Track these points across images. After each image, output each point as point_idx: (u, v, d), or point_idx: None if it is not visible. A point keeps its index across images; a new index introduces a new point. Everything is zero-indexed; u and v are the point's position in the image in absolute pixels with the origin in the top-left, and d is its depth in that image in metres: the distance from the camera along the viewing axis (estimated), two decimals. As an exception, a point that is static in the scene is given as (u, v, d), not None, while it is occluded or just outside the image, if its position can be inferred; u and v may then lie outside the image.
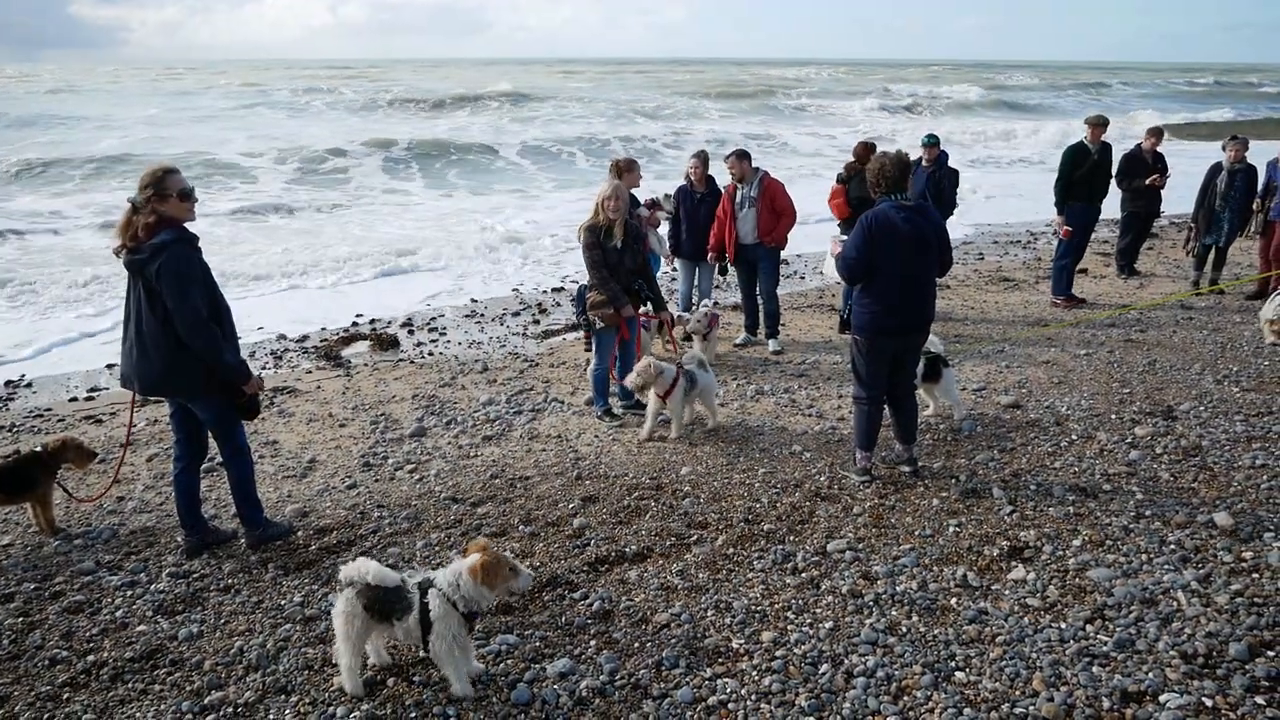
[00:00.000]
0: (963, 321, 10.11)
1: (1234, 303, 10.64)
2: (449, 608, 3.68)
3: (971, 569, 4.72)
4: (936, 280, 5.81)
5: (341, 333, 10.27)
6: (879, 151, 5.77)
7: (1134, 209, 11.84)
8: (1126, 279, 12.17)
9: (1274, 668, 3.78)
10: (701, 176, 9.26)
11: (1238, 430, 6.52)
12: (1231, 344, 8.85)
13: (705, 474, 6.13)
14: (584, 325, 7.22)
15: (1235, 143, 10.64)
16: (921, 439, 6.47)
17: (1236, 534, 4.98)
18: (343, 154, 26.36)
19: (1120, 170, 11.47)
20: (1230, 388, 7.51)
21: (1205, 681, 3.74)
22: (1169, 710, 3.57)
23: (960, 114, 48.76)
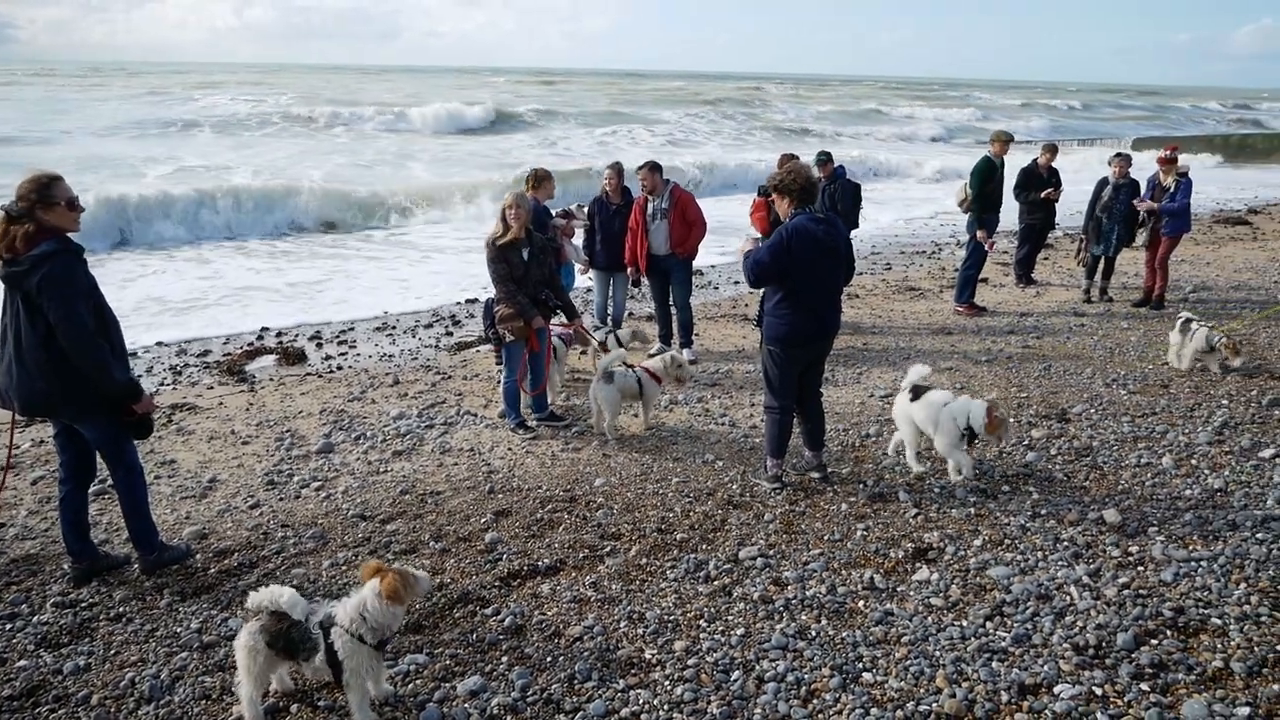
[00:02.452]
0: (871, 331, 10.36)
1: (1122, 310, 11.16)
2: (356, 644, 3.53)
3: (878, 571, 4.83)
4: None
5: (246, 346, 9.97)
6: (792, 164, 5.88)
7: (1031, 221, 12.34)
8: (1025, 288, 12.67)
9: (1157, 655, 3.96)
10: (617, 188, 9.30)
11: (1125, 431, 6.84)
12: (1119, 349, 9.28)
13: (619, 484, 6.14)
14: (493, 339, 7.16)
15: (1119, 159, 11.18)
16: (830, 446, 6.61)
17: (1124, 529, 5.22)
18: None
19: (1018, 184, 11.96)
20: (1118, 391, 7.87)
21: (1095, 671, 3.90)
22: (1062, 700, 3.70)
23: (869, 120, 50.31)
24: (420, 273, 14.48)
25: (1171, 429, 6.85)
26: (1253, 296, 11.77)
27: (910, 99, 70.91)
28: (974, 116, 56.74)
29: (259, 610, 3.58)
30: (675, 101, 57.55)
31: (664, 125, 43.46)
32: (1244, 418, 7.05)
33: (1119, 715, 3.62)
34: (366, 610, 3.54)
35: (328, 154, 29.33)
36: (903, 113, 56.87)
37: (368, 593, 3.57)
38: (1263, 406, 7.28)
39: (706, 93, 68.59)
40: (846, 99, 68.83)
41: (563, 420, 7.39)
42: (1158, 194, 10.77)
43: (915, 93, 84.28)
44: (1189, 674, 3.87)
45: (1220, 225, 18.71)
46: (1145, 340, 9.60)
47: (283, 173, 23.15)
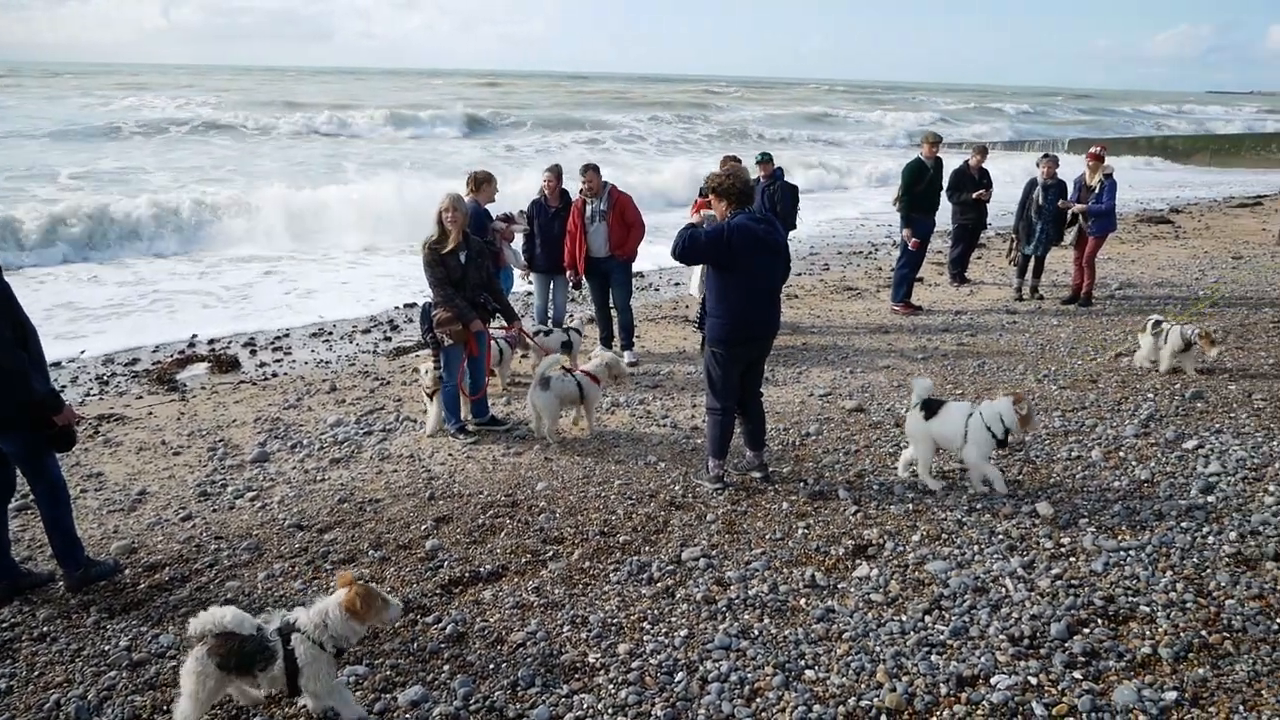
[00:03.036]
0: (810, 330, 10.47)
1: (1052, 307, 11.45)
2: (317, 650, 3.51)
3: (819, 569, 4.88)
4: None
5: (177, 354, 9.70)
6: (730, 167, 5.91)
7: (963, 221, 12.60)
8: (959, 286, 12.92)
9: (1089, 644, 4.06)
10: (555, 190, 9.26)
11: (1056, 425, 7.01)
12: (1050, 345, 9.52)
13: (561, 488, 6.10)
14: (431, 343, 7.07)
15: (1047, 160, 11.48)
16: (771, 445, 6.65)
17: (1056, 521, 5.34)
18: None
19: (950, 185, 12.19)
20: (1049, 386, 8.07)
21: (1030, 661, 3.98)
22: (999, 691, 3.78)
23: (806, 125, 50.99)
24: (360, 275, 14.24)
25: (1100, 423, 7.04)
26: (1175, 293, 12.16)
27: (863, 103, 72.00)
28: (930, 119, 57.87)
29: (203, 635, 3.46)
30: (628, 105, 57.88)
31: (625, 129, 43.65)
32: (1168, 410, 7.28)
33: (1053, 704, 3.70)
34: (328, 619, 3.53)
35: (260, 159, 28.71)
36: (857, 116, 57.69)
37: (331, 602, 3.57)
38: (1186, 399, 7.53)
39: (655, 95, 69.08)
40: (793, 102, 69.67)
41: (504, 424, 7.33)
42: (1084, 194, 11.08)
43: (855, 96, 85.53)
44: (1119, 661, 3.97)
45: (1144, 224, 19.32)
46: (1075, 336, 9.86)
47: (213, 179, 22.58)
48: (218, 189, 19.93)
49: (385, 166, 27.13)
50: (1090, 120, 68.95)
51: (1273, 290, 12.12)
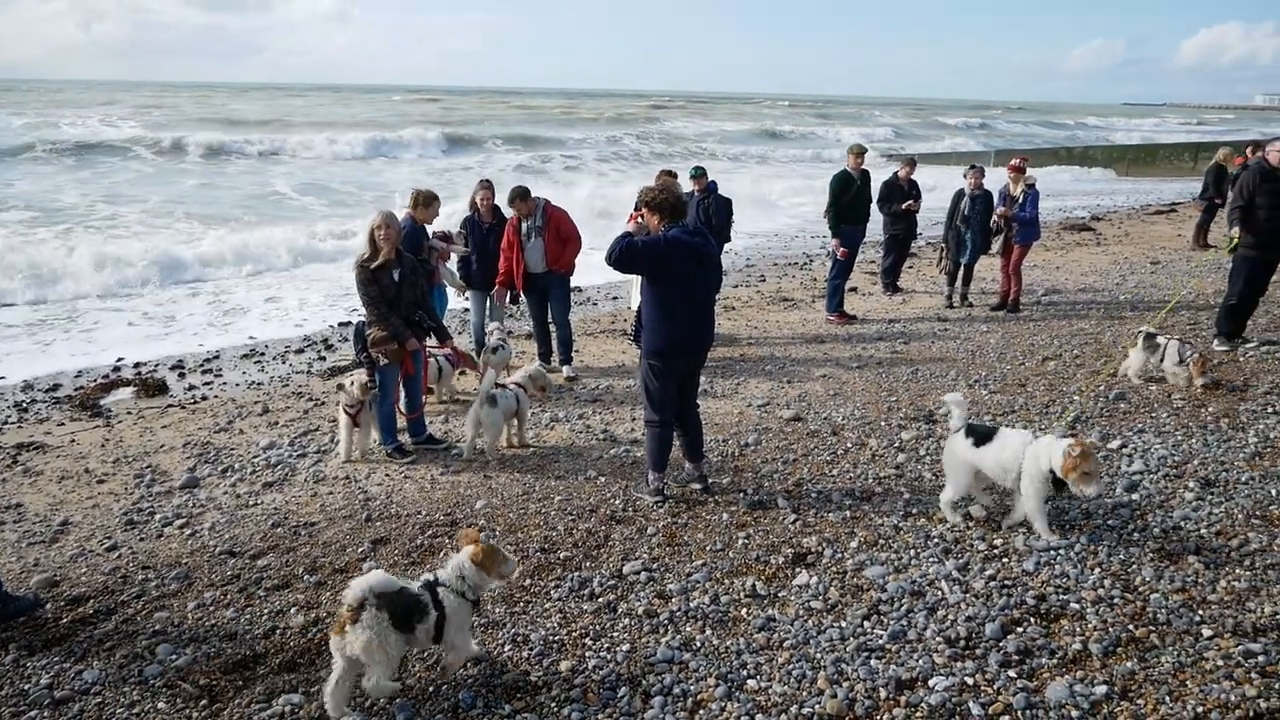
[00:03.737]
0: (747, 342, 10.57)
1: (981, 314, 11.73)
2: (460, 600, 3.94)
3: (760, 578, 4.91)
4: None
5: (101, 379, 9.40)
6: (664, 181, 5.95)
7: (894, 231, 12.86)
8: (892, 295, 13.17)
9: (1022, 643, 4.15)
10: (489, 206, 9.22)
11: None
12: (980, 351, 9.75)
13: (501, 505, 6.05)
14: (365, 363, 6.97)
15: (974, 171, 11.79)
16: (711, 456, 6.69)
17: (989, 523, 5.46)
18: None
19: (881, 196, 12.44)
20: (980, 391, 8.26)
21: (967, 662, 4.05)
22: (937, 693, 3.83)
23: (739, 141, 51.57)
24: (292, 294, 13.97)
25: (1029, 426, 7.22)
26: (1098, 298, 12.55)
27: (811, 118, 73.19)
28: (885, 134, 59.19)
29: (361, 603, 3.63)
30: (585, 121, 58.22)
31: (595, 145, 44.06)
32: (1094, 412, 7.50)
33: (989, 703, 3.77)
34: (464, 571, 3.96)
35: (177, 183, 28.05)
36: (806, 131, 58.57)
37: (462, 558, 4.00)
38: (1110, 400, 7.76)
39: (602, 110, 69.37)
40: (744, 117, 70.42)
41: (442, 443, 7.24)
42: (1009, 204, 11.39)
43: (801, 112, 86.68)
44: (1051, 658, 4.06)
45: (1067, 232, 19.91)
46: (1003, 342, 10.10)
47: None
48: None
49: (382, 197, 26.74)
50: (1041, 133, 71.28)
51: (1188, 293, 12.57)
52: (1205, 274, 13.74)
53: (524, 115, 63.25)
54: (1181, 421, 7.15)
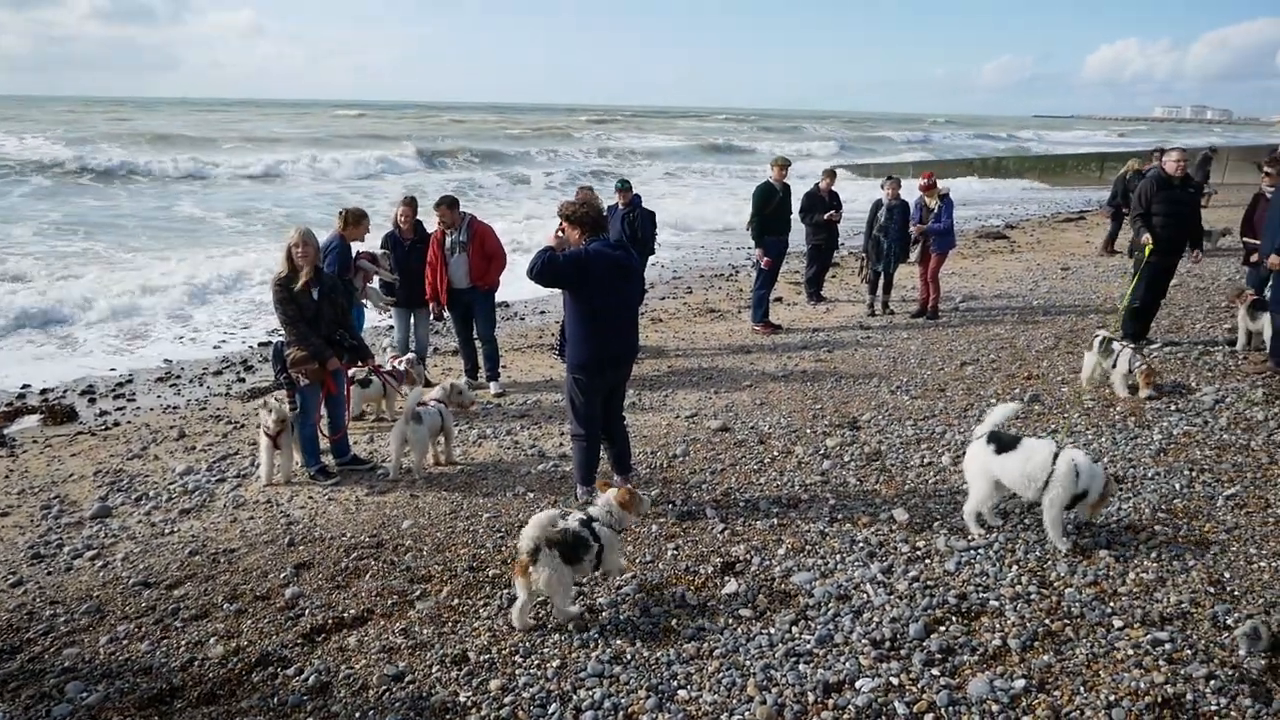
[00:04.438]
0: (675, 354, 10.63)
1: (902, 321, 12.01)
2: (613, 533, 4.74)
3: (689, 588, 4.93)
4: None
5: (4, 407, 9.01)
6: (584, 196, 5.96)
7: (816, 242, 13.09)
8: (815, 305, 13.40)
9: (945, 641, 4.25)
10: (410, 222, 9.13)
11: (909, 434, 7.33)
12: (901, 358, 9.97)
13: (428, 525, 5.97)
14: (285, 384, 6.82)
15: (891, 182, 12.09)
16: (639, 468, 6.70)
17: (912, 526, 5.58)
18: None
19: (802, 207, 12.66)
20: (902, 397, 8.45)
21: (892, 663, 4.13)
22: (863, 694, 3.90)
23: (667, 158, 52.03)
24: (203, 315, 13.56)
25: (949, 429, 7.41)
26: (1012, 304, 12.95)
27: (753, 131, 74.28)
28: (834, 148, 60.22)
29: (535, 547, 4.36)
30: (538, 136, 57.99)
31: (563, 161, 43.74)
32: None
33: (914, 701, 3.85)
34: (612, 509, 4.76)
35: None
36: (749, 144, 59.26)
37: (609, 498, 4.82)
38: (1025, 402, 8.01)
39: (536, 124, 69.35)
40: (685, 133, 70.93)
41: (367, 463, 7.12)
42: (925, 215, 11.71)
43: (743, 125, 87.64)
44: (973, 655, 4.16)
45: (983, 240, 20.52)
46: (924, 348, 10.36)
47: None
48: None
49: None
50: (979, 143, 73.54)
51: (1096, 298, 13.06)
52: (1114, 279, 14.31)
53: (468, 130, 62.80)
54: (1092, 421, 7.41)
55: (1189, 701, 3.73)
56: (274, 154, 38.98)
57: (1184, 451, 6.62)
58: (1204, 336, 10.16)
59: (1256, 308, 9.08)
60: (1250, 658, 4.00)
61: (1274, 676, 3.86)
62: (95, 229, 20.94)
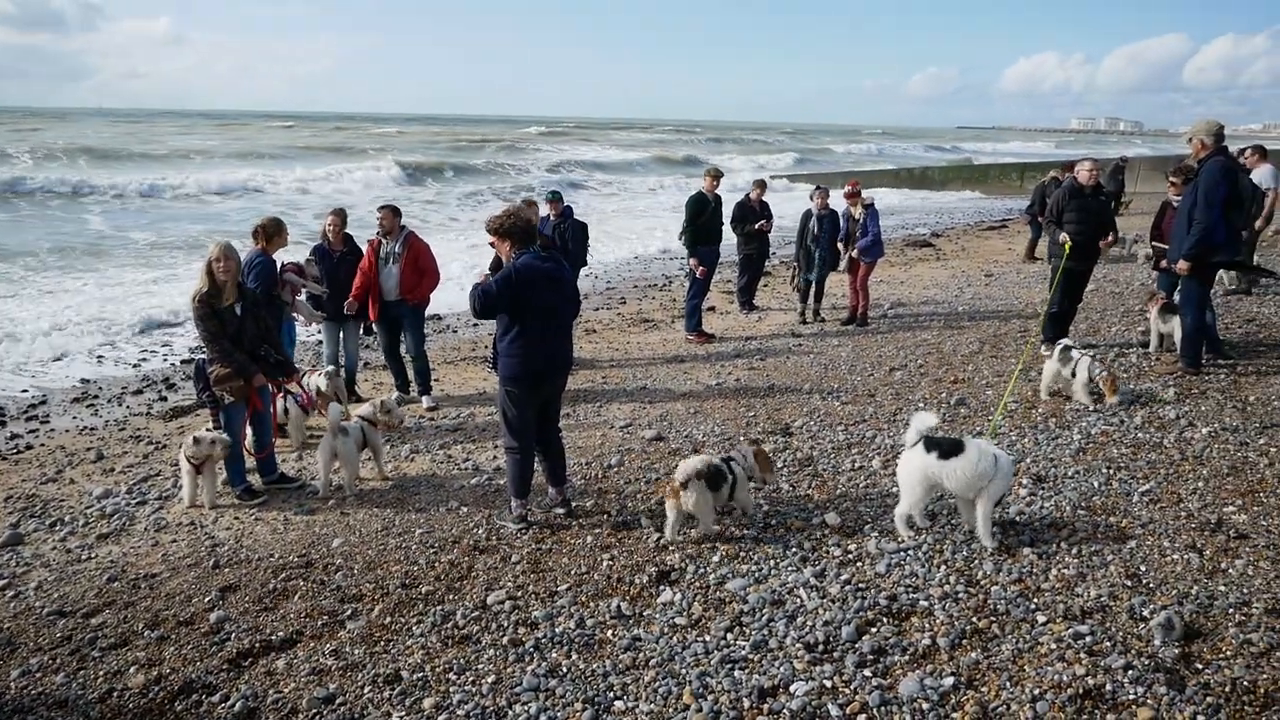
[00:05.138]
0: (609, 364, 10.64)
1: (833, 328, 12.20)
2: (744, 473, 5.71)
3: (624, 599, 4.92)
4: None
5: (-94, 434, 8.60)
6: (509, 207, 5.93)
7: (748, 251, 13.25)
8: (748, 313, 13.54)
9: (876, 642, 4.31)
10: (339, 234, 9.00)
11: (840, 439, 7.45)
12: (832, 365, 10.13)
13: (359, 543, 5.86)
14: (209, 403, 6.65)
15: (820, 192, 12.32)
16: (574, 480, 6.68)
17: (843, 530, 5.66)
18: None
19: (734, 217, 12.81)
20: (833, 403, 8.58)
21: (825, 666, 4.18)
22: (797, 698, 3.93)
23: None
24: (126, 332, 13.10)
25: (879, 433, 7.55)
26: (939, 310, 13.26)
27: (705, 144, 74.88)
28: (791, 160, 60.96)
29: (688, 479, 5.38)
30: (503, 149, 57.70)
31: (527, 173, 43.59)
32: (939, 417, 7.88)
33: (847, 703, 3.89)
34: (746, 456, 5.80)
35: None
36: (703, 156, 59.56)
37: (745, 448, 5.94)
38: (952, 405, 8.20)
39: (487, 137, 69.05)
40: (655, 144, 71.17)
41: (295, 481, 6.97)
42: (852, 225, 11.95)
43: (690, 138, 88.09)
44: (903, 655, 4.23)
45: (910, 248, 20.98)
46: (854, 355, 10.53)
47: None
48: None
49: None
50: (925, 155, 75.35)
51: (1019, 303, 13.45)
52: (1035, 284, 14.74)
53: (421, 142, 62.12)
54: (1015, 423, 7.62)
55: (1108, 692, 3.84)
56: (237, 171, 37.84)
57: (1102, 450, 6.84)
58: (1119, 339, 10.53)
59: (1167, 311, 9.43)
60: (1165, 647, 4.14)
61: (1187, 664, 4.01)
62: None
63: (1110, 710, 3.74)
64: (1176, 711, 3.69)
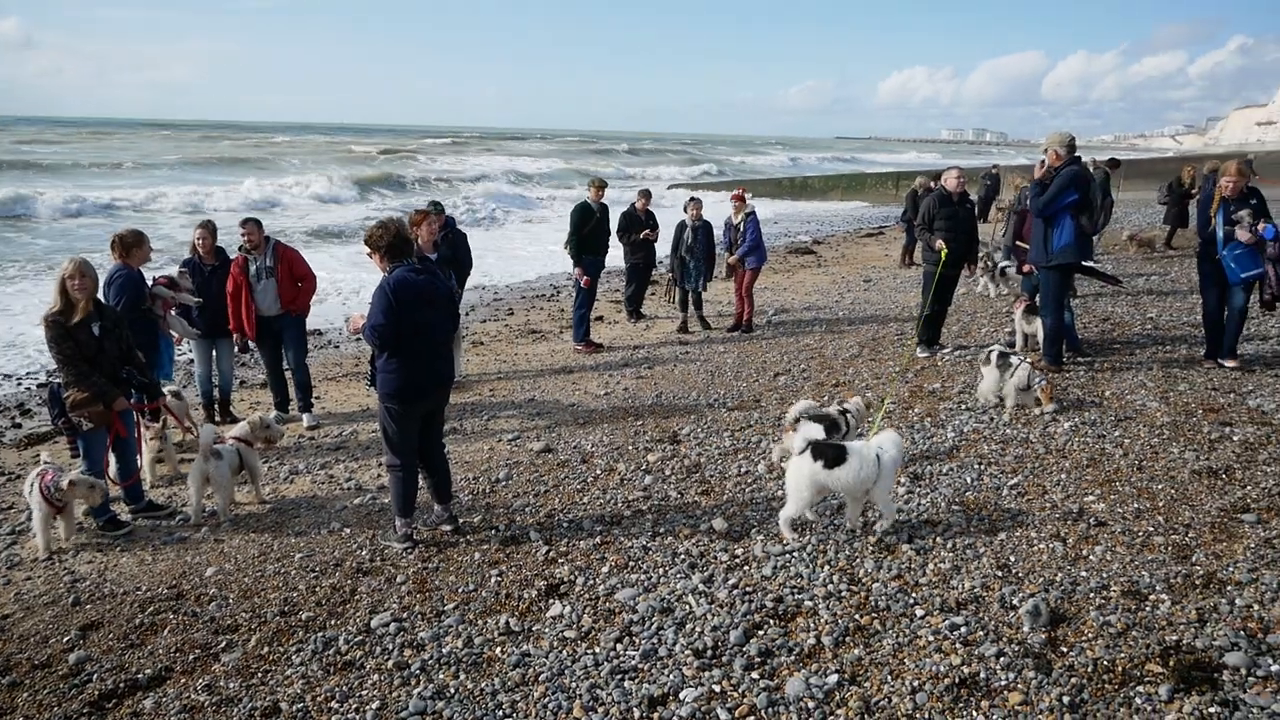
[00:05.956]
0: (496, 377, 10.52)
1: (719, 335, 12.38)
2: (856, 424, 6.64)
3: (513, 614, 4.86)
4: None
5: None
6: (382, 220, 5.80)
7: (634, 261, 13.33)
8: (636, 323, 13.62)
9: (763, 644, 4.38)
10: (210, 248, 8.64)
11: (726, 445, 7.55)
12: (719, 371, 10.27)
13: (234, 570, 5.61)
14: (65, 430, 6.26)
15: (693, 203, 12.53)
16: (461, 496, 6.57)
17: (730, 535, 5.73)
18: None
19: (620, 227, 12.87)
20: (719, 409, 8.70)
21: (714, 671, 4.21)
22: (687, 705, 3.95)
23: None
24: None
25: (764, 438, 7.68)
26: (821, 315, 13.61)
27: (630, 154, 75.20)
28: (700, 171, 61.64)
29: (798, 416, 6.30)
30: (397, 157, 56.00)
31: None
32: (819, 421, 8.09)
33: (735, 706, 3.93)
34: (860, 409, 6.80)
35: None
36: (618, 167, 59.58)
37: (858, 400, 6.96)
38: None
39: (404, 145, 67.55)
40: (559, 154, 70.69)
41: (164, 509, 6.63)
42: (734, 233, 12.17)
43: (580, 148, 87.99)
44: (789, 655, 4.31)
45: (793, 255, 21.50)
46: (739, 361, 10.71)
47: None
48: None
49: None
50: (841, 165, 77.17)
51: (895, 308, 13.94)
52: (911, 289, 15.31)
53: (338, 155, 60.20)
54: (893, 423, 7.87)
55: (982, 679, 4.00)
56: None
57: (974, 447, 7.14)
58: (989, 340, 11.02)
59: (1030, 312, 9.94)
60: (1033, 633, 4.34)
61: (1053, 648, 4.21)
62: None
63: (984, 697, 3.89)
64: (1044, 694, 3.87)
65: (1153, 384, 8.46)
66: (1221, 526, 5.40)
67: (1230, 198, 8.25)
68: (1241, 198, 8.26)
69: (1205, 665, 3.97)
